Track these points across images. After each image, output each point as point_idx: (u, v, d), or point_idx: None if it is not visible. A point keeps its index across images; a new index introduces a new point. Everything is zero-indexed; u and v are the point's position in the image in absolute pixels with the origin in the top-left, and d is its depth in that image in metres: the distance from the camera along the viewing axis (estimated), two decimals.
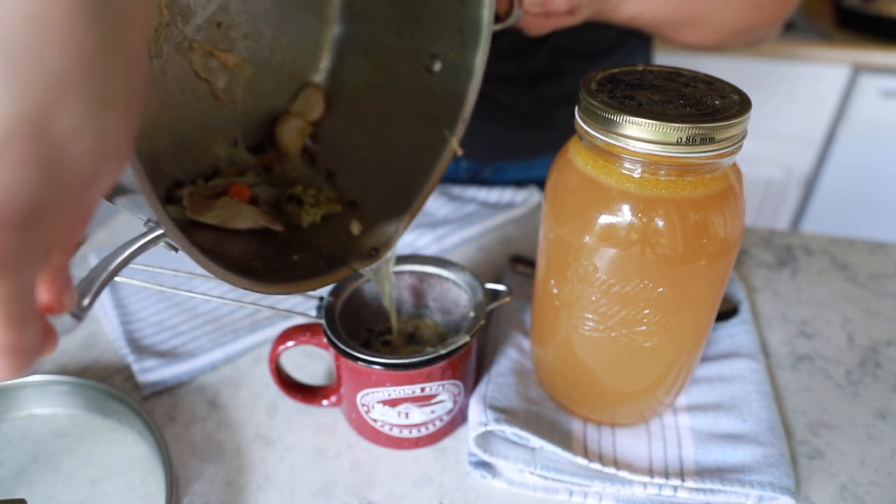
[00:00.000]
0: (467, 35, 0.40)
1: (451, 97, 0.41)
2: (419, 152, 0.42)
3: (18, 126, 0.14)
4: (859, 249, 0.62)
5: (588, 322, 0.36)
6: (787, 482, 0.37)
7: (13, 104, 0.14)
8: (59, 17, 0.14)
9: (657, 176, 0.32)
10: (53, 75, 0.14)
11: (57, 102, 0.15)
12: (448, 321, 0.46)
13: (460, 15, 0.40)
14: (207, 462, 0.41)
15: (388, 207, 0.42)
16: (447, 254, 0.60)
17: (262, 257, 0.37)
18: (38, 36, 0.14)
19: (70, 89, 0.15)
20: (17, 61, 0.14)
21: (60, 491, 0.39)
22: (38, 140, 0.15)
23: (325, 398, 0.43)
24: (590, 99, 0.32)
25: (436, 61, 0.42)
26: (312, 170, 0.44)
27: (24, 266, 0.16)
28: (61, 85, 0.15)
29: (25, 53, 0.14)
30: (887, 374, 0.48)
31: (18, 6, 0.14)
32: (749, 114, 0.31)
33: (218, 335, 0.50)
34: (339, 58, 0.46)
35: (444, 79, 0.42)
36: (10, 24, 0.14)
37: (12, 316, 0.16)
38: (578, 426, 0.42)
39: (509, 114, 0.69)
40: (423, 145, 0.42)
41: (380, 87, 0.45)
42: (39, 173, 0.15)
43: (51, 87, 0.14)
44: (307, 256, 0.39)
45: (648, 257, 0.32)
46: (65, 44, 0.14)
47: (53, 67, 0.14)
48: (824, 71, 1.38)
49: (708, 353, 0.47)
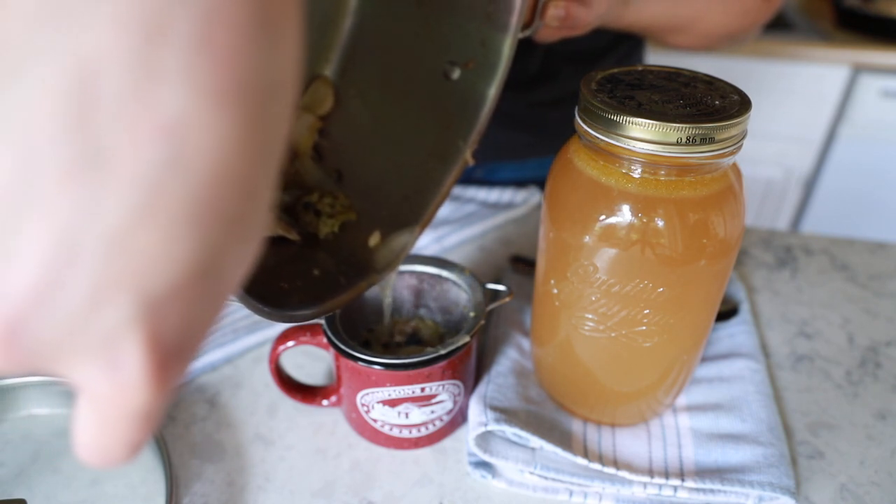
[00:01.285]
0: (490, 47, 0.39)
1: (466, 107, 0.40)
2: (431, 160, 0.42)
3: (196, 270, 0.14)
4: (859, 249, 0.62)
5: (588, 322, 0.36)
6: (787, 482, 0.37)
7: (194, 251, 0.14)
8: (241, 167, 0.14)
9: (657, 176, 0.32)
10: (228, 220, 0.15)
11: (229, 243, 0.15)
12: (448, 321, 0.46)
13: (486, 27, 0.39)
14: (207, 462, 0.41)
15: (399, 216, 0.41)
16: (447, 254, 0.60)
17: (283, 272, 0.37)
18: (221, 187, 0.14)
19: (239, 228, 0.15)
20: (199, 213, 0.14)
21: (60, 491, 0.39)
22: (209, 278, 0.15)
23: (325, 398, 0.43)
24: (590, 99, 0.32)
25: (454, 69, 0.41)
26: (324, 173, 0.44)
27: (177, 383, 0.17)
28: (233, 227, 0.15)
29: (208, 204, 0.14)
30: (887, 375, 0.48)
31: (207, 157, 0.13)
32: (749, 114, 0.31)
33: (218, 335, 0.50)
34: (352, 52, 0.45)
35: (462, 87, 0.41)
36: (197, 176, 0.13)
37: (154, 423, 0.17)
38: (578, 426, 0.42)
39: (502, 115, 0.70)
40: (436, 153, 0.41)
41: (392, 87, 0.44)
42: (207, 305, 0.16)
43: (226, 230, 0.15)
44: (326, 270, 0.39)
45: (648, 257, 0.32)
46: (242, 191, 0.15)
47: (229, 213, 0.15)
48: (824, 71, 1.38)
49: (708, 354, 0.47)
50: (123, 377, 0.15)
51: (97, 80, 0.12)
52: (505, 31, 0.38)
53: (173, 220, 0.13)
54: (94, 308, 0.13)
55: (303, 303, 0.35)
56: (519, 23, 0.37)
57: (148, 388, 0.15)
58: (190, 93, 0.13)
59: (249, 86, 0.14)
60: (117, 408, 0.15)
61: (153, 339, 0.14)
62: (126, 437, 0.16)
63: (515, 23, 0.37)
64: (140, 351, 0.14)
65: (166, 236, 0.14)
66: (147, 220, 0.13)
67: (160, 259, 0.14)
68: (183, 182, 0.13)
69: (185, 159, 0.13)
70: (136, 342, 0.14)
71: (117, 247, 0.13)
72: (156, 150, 0.13)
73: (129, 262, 0.13)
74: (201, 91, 0.13)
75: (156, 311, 0.14)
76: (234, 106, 0.14)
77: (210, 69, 0.13)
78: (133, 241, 0.13)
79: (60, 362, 0.14)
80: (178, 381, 0.16)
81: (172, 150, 0.13)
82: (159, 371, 0.15)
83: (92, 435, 0.16)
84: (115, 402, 0.15)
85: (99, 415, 0.15)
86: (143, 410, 0.15)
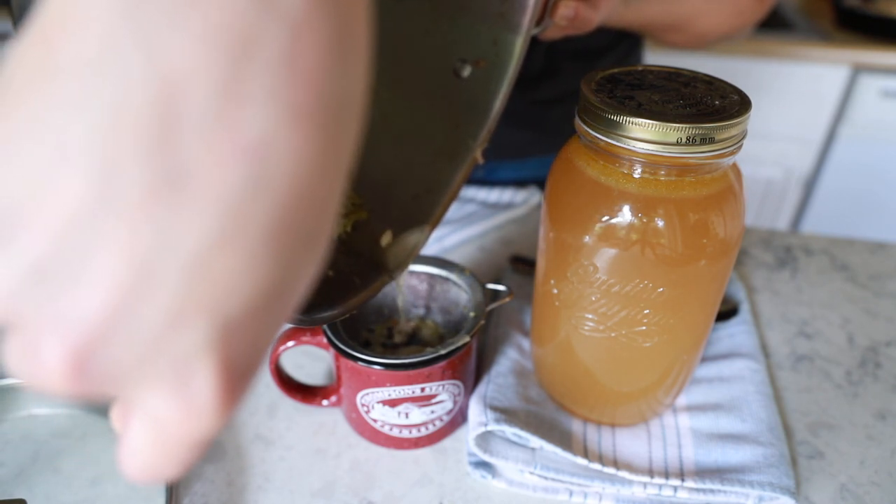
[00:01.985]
0: (502, 45, 0.39)
1: (476, 105, 0.40)
2: (440, 159, 0.42)
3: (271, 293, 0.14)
4: (859, 249, 0.62)
5: (588, 322, 0.36)
6: (787, 482, 0.37)
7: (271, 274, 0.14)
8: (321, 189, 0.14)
9: (657, 176, 0.32)
10: (304, 241, 0.14)
11: (300, 263, 0.15)
12: (448, 321, 0.46)
13: (499, 26, 0.39)
14: (207, 462, 0.41)
15: (409, 215, 0.41)
16: (447, 254, 0.60)
17: None
18: (302, 209, 0.14)
19: (312, 248, 0.15)
20: (279, 236, 0.14)
21: (60, 491, 0.39)
22: (282, 300, 0.15)
23: (325, 398, 0.43)
24: (590, 99, 0.32)
25: (465, 67, 0.41)
26: None
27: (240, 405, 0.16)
28: (307, 248, 0.15)
29: (288, 227, 0.14)
30: (887, 375, 0.48)
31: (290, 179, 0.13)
32: (749, 114, 0.31)
33: None
34: None
35: (472, 86, 0.40)
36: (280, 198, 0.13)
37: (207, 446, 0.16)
38: (578, 426, 0.42)
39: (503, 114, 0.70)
40: (445, 152, 0.41)
41: (402, 84, 0.43)
42: (276, 326, 0.15)
43: (300, 252, 0.14)
44: (339, 270, 0.39)
45: (648, 257, 0.32)
46: (319, 212, 0.14)
47: (306, 235, 0.14)
48: (824, 71, 1.38)
49: (708, 354, 0.47)
50: (193, 402, 0.14)
51: (182, 99, 0.12)
52: (517, 31, 0.38)
53: (254, 242, 0.13)
54: (168, 334, 0.13)
55: (321, 305, 0.35)
56: (532, 22, 0.37)
57: (216, 413, 0.15)
58: (274, 113, 0.13)
59: (328, 104, 0.13)
60: (182, 432, 0.15)
61: (225, 364, 0.14)
62: (182, 459, 0.16)
63: (528, 22, 0.37)
64: (213, 375, 0.14)
65: (246, 259, 0.13)
66: (228, 243, 0.13)
67: (239, 282, 0.13)
68: (264, 204, 0.13)
69: (268, 181, 0.13)
70: (209, 367, 0.14)
71: (196, 271, 0.13)
72: (239, 171, 0.13)
73: (207, 287, 0.13)
74: (285, 111, 0.13)
75: (230, 336, 0.14)
76: (315, 125, 0.13)
77: (295, 88, 0.13)
78: (212, 264, 0.13)
79: (128, 389, 0.14)
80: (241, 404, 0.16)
81: (255, 171, 0.13)
82: (228, 395, 0.15)
83: (148, 455, 0.15)
84: (181, 427, 0.15)
85: (161, 437, 0.15)
86: (206, 435, 0.15)
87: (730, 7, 0.63)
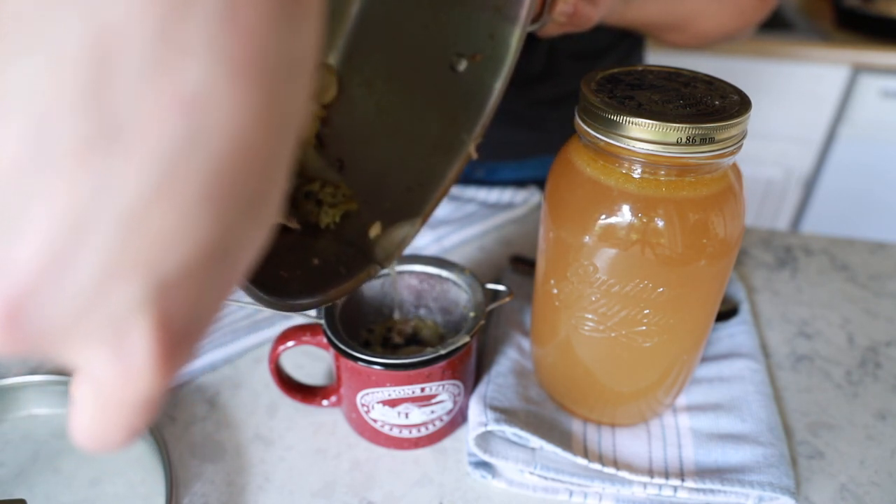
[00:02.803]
0: (498, 40, 0.39)
1: (472, 100, 0.40)
2: (435, 153, 0.41)
3: (210, 251, 0.14)
4: (859, 249, 0.62)
5: (588, 322, 0.36)
6: (787, 482, 0.37)
7: (209, 232, 0.14)
8: (261, 145, 0.14)
9: (657, 176, 0.32)
10: (245, 200, 0.14)
11: (243, 224, 0.15)
12: (448, 321, 0.46)
13: (495, 19, 0.39)
14: (207, 462, 0.41)
15: (400, 208, 0.41)
16: (447, 254, 0.60)
17: (282, 261, 0.37)
18: (240, 164, 0.14)
19: (255, 209, 0.15)
20: (217, 191, 0.13)
21: (60, 491, 0.39)
22: (222, 260, 0.15)
23: (325, 398, 0.43)
24: (590, 99, 0.32)
25: (461, 61, 0.40)
26: (326, 161, 0.43)
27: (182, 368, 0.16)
28: (248, 207, 0.14)
29: (226, 183, 0.13)
30: (887, 375, 0.48)
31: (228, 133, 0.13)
32: (749, 114, 0.31)
33: (218, 335, 0.50)
34: (357, 40, 0.44)
35: (468, 80, 0.40)
36: (217, 152, 0.13)
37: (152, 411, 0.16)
38: (578, 426, 0.42)
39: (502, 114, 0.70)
40: (440, 146, 0.41)
41: (397, 76, 0.43)
42: (217, 289, 0.15)
43: (241, 210, 0.14)
44: (326, 259, 0.38)
45: (648, 257, 0.32)
46: (260, 170, 0.14)
47: (246, 193, 0.14)
48: (824, 71, 1.38)
49: (708, 354, 0.47)
50: (130, 362, 0.14)
51: (118, 50, 0.12)
52: (514, 24, 0.38)
53: (190, 198, 0.13)
54: (103, 289, 0.13)
55: (302, 292, 0.34)
56: (528, 16, 0.37)
57: (154, 374, 0.14)
58: (212, 66, 0.12)
59: (271, 62, 0.13)
60: (121, 393, 0.15)
61: (162, 324, 0.14)
62: (126, 422, 0.15)
63: (525, 16, 0.37)
64: (149, 335, 0.14)
65: (182, 215, 0.13)
66: (164, 197, 0.13)
67: (175, 239, 0.13)
68: (202, 159, 0.13)
69: (205, 136, 0.13)
70: (145, 326, 0.14)
71: (131, 225, 0.13)
72: (175, 124, 0.12)
73: (142, 242, 0.13)
74: (224, 65, 0.12)
75: (166, 295, 0.14)
76: (255, 82, 0.13)
77: (234, 42, 0.12)
78: (148, 219, 0.13)
79: (65, 345, 0.14)
80: (183, 367, 0.16)
81: (192, 125, 0.12)
82: (166, 356, 0.14)
83: (91, 419, 0.15)
84: (119, 387, 0.14)
85: (101, 399, 0.15)
86: (146, 396, 0.15)
87: (731, 7, 0.63)
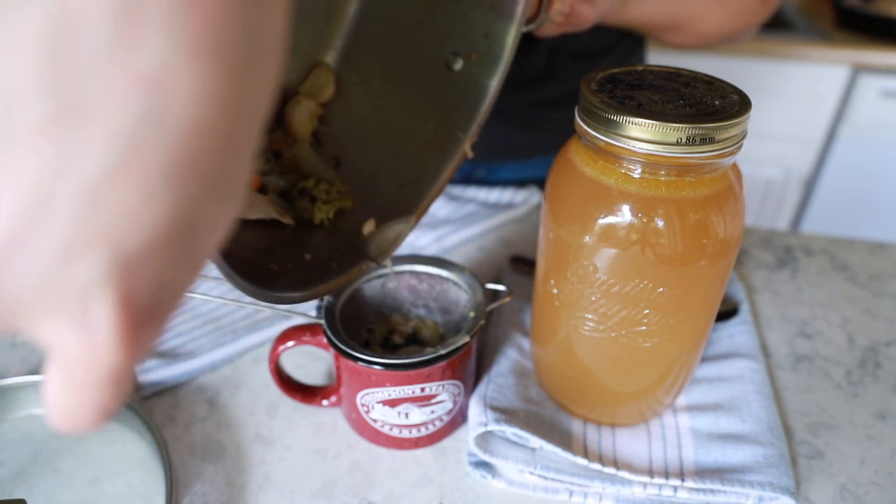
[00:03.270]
0: (493, 38, 0.39)
1: (467, 98, 0.40)
2: (430, 150, 0.42)
3: (172, 229, 0.14)
4: (859, 249, 0.62)
5: (588, 322, 0.36)
6: (787, 482, 0.37)
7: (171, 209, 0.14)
8: (222, 123, 0.14)
9: (657, 176, 0.32)
10: (207, 178, 0.14)
11: (206, 202, 0.15)
12: (448, 321, 0.46)
13: (490, 18, 0.39)
14: (207, 462, 0.41)
15: (394, 205, 0.41)
16: (447, 254, 0.60)
17: (274, 255, 0.37)
18: (201, 142, 0.14)
19: (217, 188, 0.15)
20: (178, 169, 0.14)
21: (60, 491, 0.39)
22: (185, 239, 0.15)
23: (325, 398, 0.43)
24: (590, 99, 0.32)
25: (457, 59, 0.40)
26: (321, 159, 0.43)
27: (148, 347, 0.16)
28: (211, 186, 0.15)
29: (187, 160, 0.14)
30: (887, 375, 0.48)
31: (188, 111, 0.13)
32: (749, 114, 0.31)
33: (218, 335, 0.50)
34: (355, 39, 0.44)
35: (464, 79, 0.41)
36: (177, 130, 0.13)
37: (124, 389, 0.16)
38: (578, 426, 0.42)
39: (503, 115, 0.70)
40: (435, 144, 0.41)
41: (394, 75, 0.44)
42: (181, 269, 0.15)
43: (203, 189, 0.15)
44: (318, 254, 0.39)
45: (648, 257, 0.32)
46: (222, 149, 0.14)
47: (208, 171, 0.14)
48: (824, 71, 1.38)
49: (708, 354, 0.47)
50: (93, 336, 0.14)
51: (78, 26, 0.12)
52: (509, 22, 0.38)
53: (152, 175, 0.13)
54: (65, 263, 0.13)
55: (291, 286, 0.35)
56: (523, 14, 0.37)
57: (118, 350, 0.15)
58: (172, 43, 0.13)
59: (234, 42, 0.13)
60: (86, 369, 0.15)
61: (125, 299, 0.14)
62: (95, 400, 0.16)
63: (520, 13, 0.37)
64: (112, 310, 0.14)
65: (144, 192, 0.13)
66: (125, 173, 0.13)
67: (136, 215, 0.13)
68: (162, 136, 0.13)
69: (166, 112, 0.13)
70: (107, 300, 0.14)
71: (93, 200, 0.13)
72: (136, 101, 0.13)
73: (104, 217, 0.13)
74: (184, 42, 0.13)
75: (129, 270, 0.14)
76: (217, 61, 0.13)
77: (194, 21, 0.13)
78: (109, 195, 0.13)
79: (28, 318, 0.14)
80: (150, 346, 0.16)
81: (153, 101, 0.13)
82: (130, 332, 0.15)
83: (61, 397, 0.16)
84: (85, 363, 0.15)
85: (68, 376, 0.15)
86: (112, 373, 0.15)
87: (733, 8, 0.62)
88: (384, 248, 0.40)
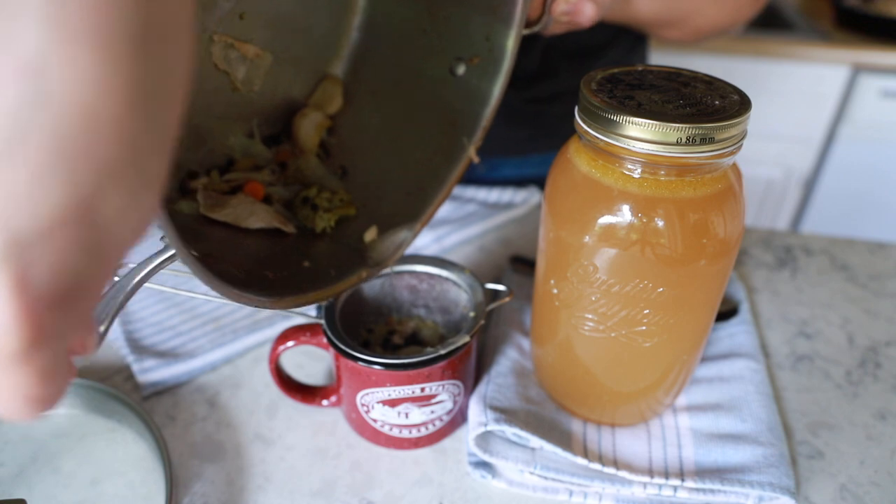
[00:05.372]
0: (495, 42, 0.39)
1: (471, 103, 0.40)
2: (436, 157, 0.42)
3: (67, 214, 0.14)
4: (859, 250, 0.62)
5: (588, 322, 0.36)
6: (787, 482, 0.37)
7: (64, 194, 0.14)
8: (111, 110, 0.14)
9: (657, 176, 0.32)
10: (102, 164, 0.15)
11: (104, 189, 0.15)
12: (448, 321, 0.46)
13: (491, 21, 0.39)
14: (207, 462, 0.41)
15: (399, 212, 0.41)
16: (447, 254, 0.60)
17: (274, 263, 0.37)
18: (90, 128, 0.14)
19: (117, 176, 0.15)
20: (68, 153, 0.14)
21: (60, 491, 0.39)
22: (85, 225, 0.15)
23: (325, 398, 0.43)
24: (590, 99, 0.32)
25: (460, 65, 0.41)
26: (327, 169, 0.44)
27: (64, 336, 0.16)
28: (109, 173, 0.15)
29: (76, 145, 0.14)
30: (887, 375, 0.48)
31: (72, 97, 0.13)
32: (749, 114, 0.31)
33: (218, 335, 0.50)
34: (361, 50, 0.45)
35: (467, 84, 0.41)
36: (62, 115, 0.13)
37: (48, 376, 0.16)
38: (578, 426, 0.42)
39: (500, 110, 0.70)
40: (441, 150, 0.41)
41: (400, 84, 0.44)
42: (85, 255, 0.15)
43: (99, 175, 0.15)
44: (317, 262, 0.39)
45: (648, 257, 0.32)
46: (116, 135, 0.15)
47: (103, 157, 0.15)
48: (824, 71, 1.38)
49: (708, 354, 0.47)
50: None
51: None
52: (509, 24, 0.38)
53: (41, 158, 0.14)
54: None
55: (289, 290, 0.35)
56: (522, 16, 0.37)
57: (20, 331, 0.15)
58: (46, 33, 0.13)
59: (121, 29, 0.14)
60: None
61: (21, 281, 0.14)
62: (18, 387, 0.16)
63: (519, 15, 0.37)
64: (6, 288, 0.14)
65: (33, 174, 0.14)
66: (11, 157, 0.13)
67: (27, 198, 0.14)
68: (48, 121, 0.13)
69: (50, 98, 0.13)
70: (2, 281, 0.14)
71: None
72: (18, 87, 0.13)
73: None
74: (62, 31, 0.13)
75: (24, 253, 0.14)
76: (102, 49, 0.14)
77: (73, 12, 0.13)
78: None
79: None
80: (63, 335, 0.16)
81: (35, 87, 0.13)
82: (32, 315, 0.15)
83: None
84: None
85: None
86: (22, 356, 0.15)
87: (730, 3, 0.63)
88: (387, 255, 0.40)
